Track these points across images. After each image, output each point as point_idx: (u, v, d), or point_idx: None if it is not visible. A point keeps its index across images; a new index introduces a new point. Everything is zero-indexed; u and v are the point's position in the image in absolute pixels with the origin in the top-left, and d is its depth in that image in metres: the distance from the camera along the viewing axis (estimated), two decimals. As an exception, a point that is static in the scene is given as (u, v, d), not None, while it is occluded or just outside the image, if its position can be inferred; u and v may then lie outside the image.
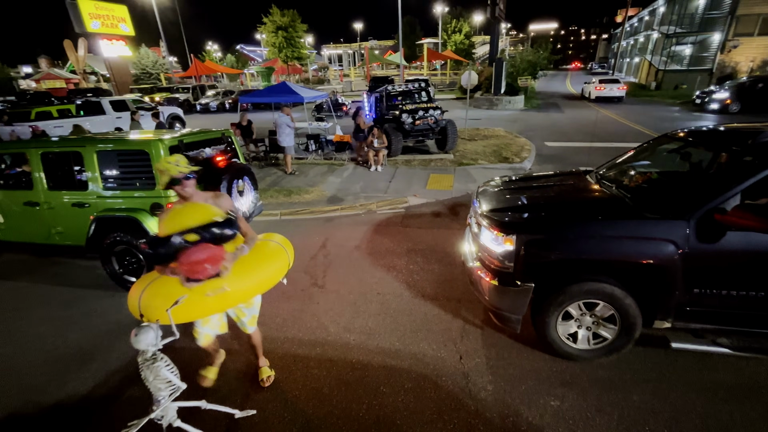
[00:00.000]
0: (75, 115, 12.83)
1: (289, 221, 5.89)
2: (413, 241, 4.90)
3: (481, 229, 2.84)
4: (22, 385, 2.75)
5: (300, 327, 3.29)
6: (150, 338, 1.82)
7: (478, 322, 3.25)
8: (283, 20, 33.53)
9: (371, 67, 38.70)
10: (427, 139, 9.80)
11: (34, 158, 3.93)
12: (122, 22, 25.50)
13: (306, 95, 9.89)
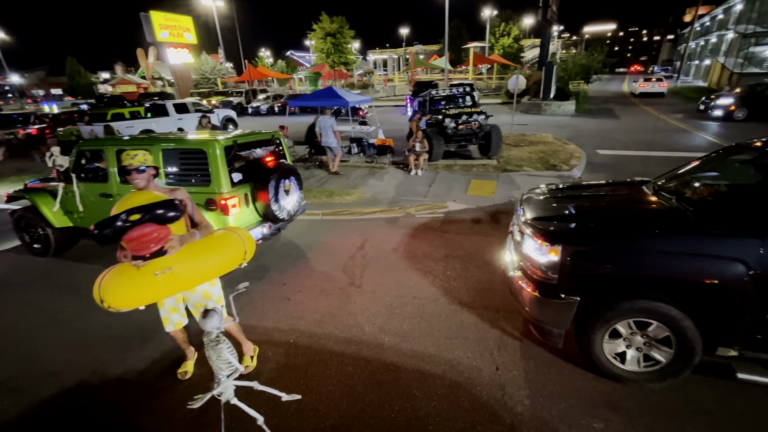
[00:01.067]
0: (143, 116, 14.10)
1: (330, 221, 6.05)
2: (451, 246, 4.85)
3: (524, 238, 2.76)
4: (90, 357, 3.07)
5: (337, 324, 3.37)
6: (215, 321, 1.99)
7: (516, 333, 3.15)
8: (331, 27, 34.58)
9: (415, 71, 38.80)
10: (469, 144, 9.64)
11: (110, 155, 4.38)
12: (187, 32, 27.67)
13: (351, 99, 10.13)
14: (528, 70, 31.06)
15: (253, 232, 4.22)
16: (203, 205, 4.00)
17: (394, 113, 19.98)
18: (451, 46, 34.06)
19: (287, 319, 3.48)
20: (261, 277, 4.27)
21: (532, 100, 19.49)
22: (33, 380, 2.84)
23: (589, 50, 27.41)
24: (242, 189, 4.20)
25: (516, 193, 6.61)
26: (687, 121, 14.51)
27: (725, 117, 14.32)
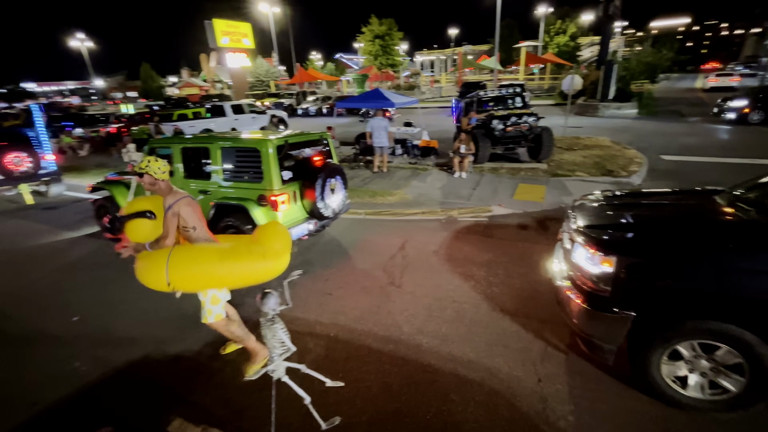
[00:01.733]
0: (204, 117, 15.21)
1: (372, 221, 6.15)
2: (495, 252, 4.72)
3: (575, 246, 2.62)
4: (153, 335, 3.38)
5: (376, 322, 3.42)
6: (272, 303, 2.17)
7: (562, 346, 3.00)
8: (380, 29, 35.06)
9: (463, 72, 38.13)
10: (518, 146, 9.31)
11: (176, 152, 4.79)
12: (245, 37, 29.47)
13: (397, 101, 10.20)
14: (585, 69, 29.27)
15: (299, 229, 4.41)
16: (255, 201, 4.24)
17: (439, 115, 19.78)
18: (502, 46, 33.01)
19: (329, 313, 3.59)
20: (306, 271, 4.43)
21: (588, 102, 18.36)
22: (107, 350, 3.19)
23: (656, 47, 25.26)
24: (291, 187, 4.40)
25: (567, 200, 6.28)
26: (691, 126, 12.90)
27: (739, 120, 13.25)
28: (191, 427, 2.39)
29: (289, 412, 2.42)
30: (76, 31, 38.07)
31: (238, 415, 2.48)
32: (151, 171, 2.58)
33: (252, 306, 3.77)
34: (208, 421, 2.43)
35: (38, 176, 8.08)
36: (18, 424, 2.49)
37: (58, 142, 14.31)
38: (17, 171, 7.71)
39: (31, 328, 3.58)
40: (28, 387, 2.82)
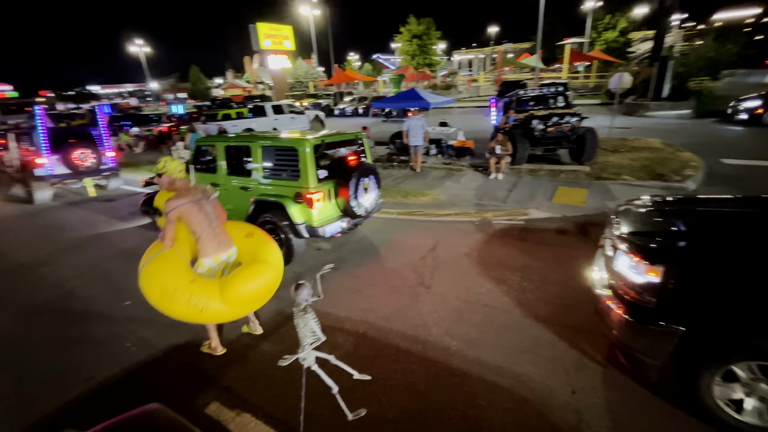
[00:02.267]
0: (246, 117, 15.89)
1: (404, 221, 6.15)
2: (530, 256, 4.56)
3: (618, 254, 2.48)
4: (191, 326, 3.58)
5: (404, 321, 3.43)
6: (304, 294, 2.27)
7: (599, 357, 2.85)
8: (418, 28, 34.92)
9: (503, 71, 37.10)
10: (559, 148, 8.92)
11: (220, 150, 5.05)
12: (286, 40, 30.43)
13: (432, 101, 10.12)
14: (636, 66, 27.46)
15: (333, 226, 4.50)
16: (292, 198, 4.39)
17: (476, 114, 19.40)
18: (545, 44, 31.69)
19: (358, 310, 3.64)
20: (338, 267, 4.53)
21: (638, 101, 17.22)
22: (153, 333, 3.43)
23: (719, 41, 23.21)
24: (326, 185, 4.50)
25: (611, 204, 5.94)
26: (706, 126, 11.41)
27: (751, 121, 12.49)
28: (226, 411, 2.52)
29: (319, 402, 2.49)
30: (135, 38, 41.20)
31: (269, 402, 2.58)
32: (169, 171, 2.75)
33: (286, 296, 3.90)
34: (241, 406, 2.55)
35: (100, 171, 8.85)
36: (75, 396, 2.75)
37: (117, 140, 15.56)
38: (82, 166, 8.48)
39: (92, 308, 3.93)
40: (84, 362, 3.10)
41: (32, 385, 2.88)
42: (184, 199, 2.69)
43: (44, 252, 5.50)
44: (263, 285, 2.79)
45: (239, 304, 2.70)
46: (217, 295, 2.60)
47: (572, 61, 31.89)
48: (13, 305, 4.06)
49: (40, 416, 2.57)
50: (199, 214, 2.76)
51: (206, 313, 2.61)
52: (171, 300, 2.55)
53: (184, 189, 2.79)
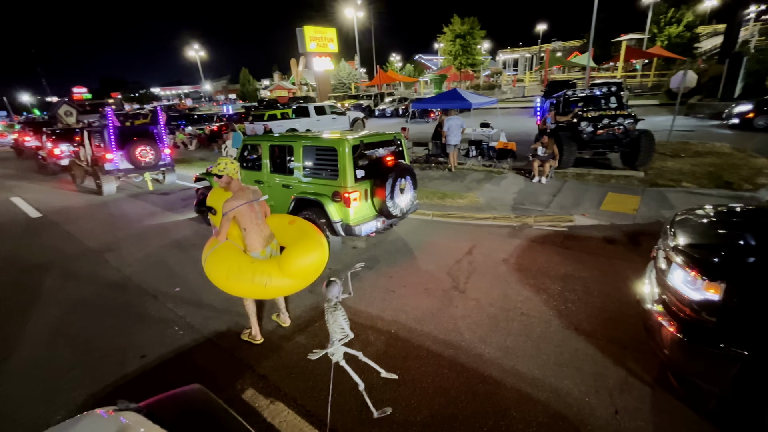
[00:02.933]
0: (290, 117, 16.49)
1: (440, 223, 6.07)
2: (573, 265, 4.33)
3: (673, 267, 2.29)
4: (235, 312, 3.77)
5: (436, 325, 3.39)
6: (335, 291, 2.33)
7: (647, 378, 2.64)
8: (462, 28, 34.28)
9: (550, 70, 35.53)
10: (610, 151, 8.39)
11: (265, 149, 5.29)
12: (331, 42, 31.19)
13: (474, 101, 9.92)
14: (702, 63, 25.14)
15: (368, 225, 4.55)
16: (330, 197, 4.49)
17: (520, 115, 18.74)
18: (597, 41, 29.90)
19: (390, 310, 3.66)
20: (371, 267, 4.57)
21: (704, 101, 15.77)
22: (199, 319, 3.66)
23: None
24: (363, 185, 4.56)
25: (667, 213, 5.49)
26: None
27: (742, 125, 12.49)
28: (261, 398, 2.63)
29: (348, 398, 2.54)
30: (193, 42, 44.16)
31: (302, 394, 2.66)
32: (229, 172, 2.99)
33: (319, 293, 4.00)
34: (275, 395, 2.66)
35: (158, 166, 9.58)
36: (131, 371, 3.00)
37: (173, 138, 16.77)
38: (143, 162, 9.23)
39: (147, 293, 4.27)
40: (139, 341, 3.37)
41: (95, 358, 3.18)
42: (241, 200, 2.94)
43: (109, 239, 6.05)
44: (315, 256, 3.04)
45: (299, 275, 2.96)
46: (277, 271, 2.88)
47: (628, 58, 29.83)
48: (81, 286, 4.51)
49: (101, 386, 2.84)
50: (251, 214, 3.02)
51: (270, 288, 2.87)
52: (238, 280, 2.82)
53: (239, 190, 3.02)
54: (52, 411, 2.63)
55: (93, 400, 2.72)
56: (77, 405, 2.67)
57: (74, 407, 2.65)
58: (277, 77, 56.19)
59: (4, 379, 2.98)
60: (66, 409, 2.64)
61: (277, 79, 55.49)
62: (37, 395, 2.80)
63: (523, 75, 45.98)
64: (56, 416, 2.57)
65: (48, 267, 5.08)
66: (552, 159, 7.74)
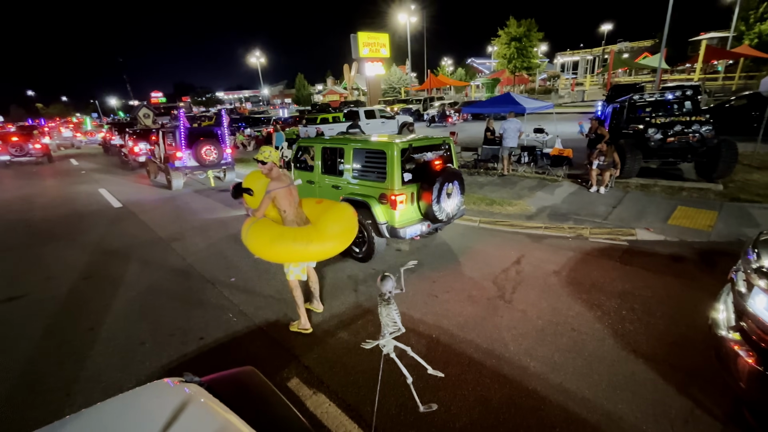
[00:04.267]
0: (341, 121, 17.00)
1: (487, 230, 5.92)
2: (633, 283, 4.01)
3: (754, 291, 2.06)
4: (286, 303, 3.99)
5: (479, 333, 3.32)
6: (389, 285, 2.42)
7: (717, 411, 2.38)
8: (518, 31, 33.15)
9: (615, 73, 33.16)
10: (682, 161, 7.66)
11: (317, 151, 5.52)
12: (383, 47, 31.67)
13: (529, 106, 9.56)
14: (802, 64, 21.99)
15: (413, 228, 4.57)
16: (377, 198, 4.58)
17: (579, 121, 17.68)
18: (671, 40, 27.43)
19: (432, 315, 3.64)
20: (414, 270, 4.58)
21: (802, 107, 13.80)
22: (251, 309, 3.91)
23: None
24: (410, 188, 4.60)
25: (749, 232, 4.89)
26: None
27: None
28: (305, 388, 2.75)
29: (391, 391, 2.59)
30: (254, 49, 47.21)
31: (343, 388, 2.74)
32: (272, 159, 3.34)
33: (365, 290, 4.10)
34: (318, 387, 2.76)
35: (220, 165, 10.37)
36: (191, 350, 3.29)
37: (233, 139, 18.03)
38: (207, 160, 10.05)
39: (206, 280, 4.64)
40: (198, 324, 3.68)
41: (162, 336, 3.52)
42: (282, 184, 3.30)
43: (176, 229, 6.66)
44: (346, 221, 3.46)
45: (335, 237, 3.29)
46: (315, 237, 3.19)
47: (709, 59, 26.96)
48: (152, 270, 5.01)
49: (167, 360, 3.14)
50: (289, 197, 3.39)
51: (309, 251, 3.16)
52: (280, 244, 3.11)
53: (279, 176, 3.37)
54: (126, 377, 2.96)
55: (160, 372, 3.02)
56: (146, 375, 2.98)
57: (144, 377, 2.96)
58: (330, 82, 58.18)
59: (90, 345, 3.41)
60: (137, 377, 2.95)
61: (330, 83, 57.46)
62: (114, 362, 3.17)
63: (583, 78, 43.40)
64: (129, 383, 2.89)
65: (126, 251, 5.71)
66: (612, 168, 7.23)
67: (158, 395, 1.47)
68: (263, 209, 3.30)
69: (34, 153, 16.36)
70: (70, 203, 9.05)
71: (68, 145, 25.96)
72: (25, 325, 3.79)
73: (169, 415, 1.22)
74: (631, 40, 48.72)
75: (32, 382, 2.99)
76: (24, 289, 4.58)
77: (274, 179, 3.31)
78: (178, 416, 1.23)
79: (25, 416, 2.65)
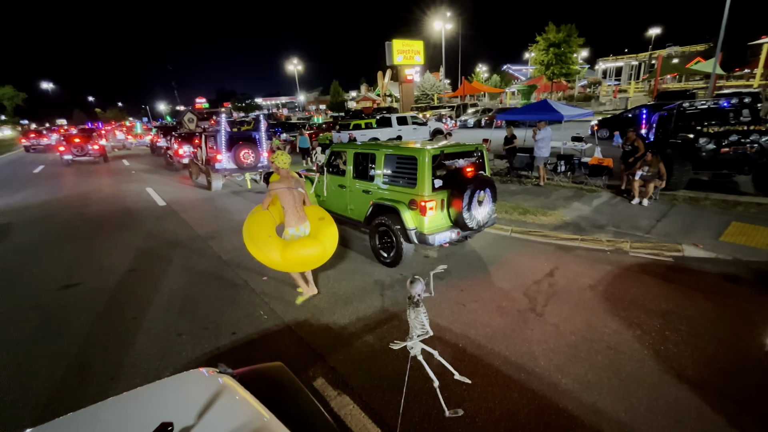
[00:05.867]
0: (373, 127, 17.19)
1: (519, 240, 5.76)
2: (678, 302, 3.75)
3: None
4: (314, 305, 4.07)
5: (508, 346, 3.22)
6: (418, 288, 2.48)
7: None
8: (557, 36, 32.18)
9: (663, 79, 31.35)
10: (738, 173, 7.10)
11: (349, 156, 5.62)
12: (417, 54, 31.81)
13: (567, 113, 9.25)
14: None
15: (442, 235, 4.53)
16: (406, 204, 4.59)
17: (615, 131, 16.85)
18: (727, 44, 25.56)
19: (460, 324, 3.58)
20: (442, 277, 4.53)
21: None
22: (281, 307, 4.03)
23: None
24: (440, 194, 4.57)
25: (817, 252, 4.44)
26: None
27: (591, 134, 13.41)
28: (330, 389, 2.79)
29: (416, 398, 2.57)
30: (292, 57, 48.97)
31: (367, 391, 2.75)
32: (277, 163, 3.84)
33: (391, 295, 4.10)
34: (342, 388, 2.79)
35: (257, 168, 10.79)
36: (223, 344, 3.43)
37: (270, 144, 18.71)
38: (245, 163, 10.49)
39: (240, 278, 4.83)
40: (231, 320, 3.83)
41: (198, 328, 3.70)
42: (282, 184, 3.81)
43: (213, 228, 6.99)
44: (311, 255, 3.86)
45: (290, 262, 3.76)
46: (280, 251, 3.71)
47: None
48: (191, 266, 5.29)
49: (201, 352, 3.29)
50: (289, 196, 3.83)
51: (269, 258, 3.74)
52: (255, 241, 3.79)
53: (285, 177, 3.87)
54: (164, 366, 3.13)
55: (194, 363, 3.17)
56: (182, 365, 3.14)
57: (180, 366, 3.12)
58: (364, 89, 59.03)
59: (133, 334, 3.64)
60: (174, 366, 3.12)
61: (364, 90, 58.29)
62: (153, 351, 3.36)
63: (626, 85, 41.38)
64: (167, 371, 3.05)
65: (168, 247, 6.06)
66: (657, 179, 6.82)
67: (195, 383, 1.55)
68: (266, 202, 3.90)
69: (93, 153, 17.79)
70: (120, 200, 9.75)
71: (121, 147, 28.01)
72: (80, 311, 4.11)
73: (204, 402, 1.29)
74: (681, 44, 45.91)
75: (83, 364, 3.24)
76: (80, 278, 4.98)
77: (279, 179, 3.85)
78: (212, 404, 1.30)
79: (75, 395, 2.86)
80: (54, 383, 3.01)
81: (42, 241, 6.55)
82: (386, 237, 4.97)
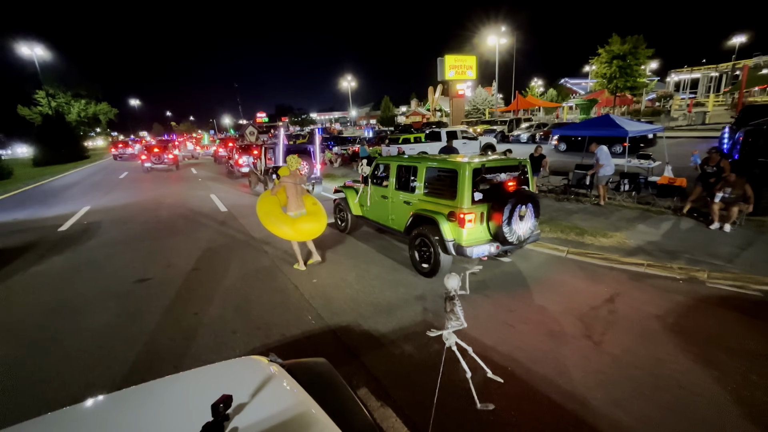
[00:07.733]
0: (422, 141, 17.29)
1: (575, 261, 5.41)
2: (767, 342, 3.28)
3: None
4: (357, 312, 4.13)
5: (560, 373, 3.02)
6: (454, 283, 2.60)
7: None
8: (622, 48, 30.24)
9: (749, 92, 28.11)
10: None
11: (393, 168, 5.72)
12: (470, 69, 31.60)
13: (631, 129, 8.63)
14: None
15: (480, 248, 4.44)
16: (445, 216, 4.57)
17: (696, 146, 15.33)
18: (834, 52, 22.28)
19: (506, 345, 3.43)
20: (488, 295, 4.39)
21: None
22: (327, 313, 4.14)
23: None
24: (480, 207, 4.51)
25: None
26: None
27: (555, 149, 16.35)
28: (373, 399, 2.80)
29: (449, 391, 2.59)
30: (346, 74, 51.09)
31: (410, 406, 2.72)
32: (289, 166, 5.25)
33: (432, 308, 4.05)
34: (385, 399, 2.78)
35: (310, 179, 11.31)
36: (272, 343, 3.60)
37: (322, 156, 19.53)
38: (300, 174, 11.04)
39: (290, 282, 5.05)
40: (281, 322, 4.01)
41: (251, 327, 3.92)
42: (290, 180, 5.19)
43: (267, 234, 7.34)
44: (313, 227, 5.35)
45: (299, 231, 5.22)
46: (290, 224, 5.18)
47: None
48: (247, 268, 5.64)
49: (252, 349, 3.48)
50: (294, 189, 5.22)
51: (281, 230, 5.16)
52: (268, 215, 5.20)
53: (294, 174, 5.23)
54: (218, 360, 3.33)
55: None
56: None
57: (233, 362, 3.31)
58: (414, 104, 59.76)
59: (194, 328, 3.95)
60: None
61: (414, 105, 59.01)
62: (210, 345, 3.62)
63: (704, 98, 37.69)
64: (221, 366, 3.26)
65: (227, 249, 6.53)
66: (743, 202, 6.08)
67: (247, 368, 1.70)
68: (276, 189, 5.25)
69: (168, 162, 19.83)
70: (188, 204, 10.71)
71: (190, 156, 30.84)
72: (151, 303, 4.56)
73: (255, 387, 1.42)
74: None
75: (151, 351, 3.57)
76: (152, 273, 5.52)
77: (289, 175, 5.21)
78: (262, 388, 1.42)
79: (145, 378, 3.15)
80: (128, 364, 3.35)
81: (123, 239, 7.38)
82: (425, 247, 4.94)
